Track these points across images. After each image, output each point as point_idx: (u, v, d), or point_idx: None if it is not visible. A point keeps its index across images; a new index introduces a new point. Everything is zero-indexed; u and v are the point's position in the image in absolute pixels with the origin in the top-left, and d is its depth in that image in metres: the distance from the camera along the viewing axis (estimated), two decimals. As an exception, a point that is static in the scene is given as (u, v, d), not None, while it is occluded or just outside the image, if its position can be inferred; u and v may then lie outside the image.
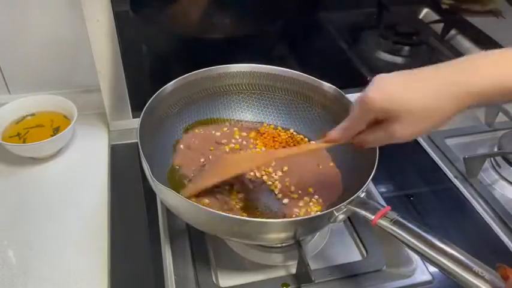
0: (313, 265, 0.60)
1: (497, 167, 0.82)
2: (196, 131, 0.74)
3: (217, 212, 0.52)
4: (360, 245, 0.68)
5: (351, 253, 0.67)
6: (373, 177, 0.58)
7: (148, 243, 0.66)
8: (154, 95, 0.67)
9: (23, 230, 0.67)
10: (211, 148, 0.72)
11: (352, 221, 0.70)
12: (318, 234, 0.68)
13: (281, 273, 0.63)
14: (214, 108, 0.77)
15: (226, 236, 0.62)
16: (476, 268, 0.44)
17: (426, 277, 0.63)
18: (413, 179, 0.80)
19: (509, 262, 0.66)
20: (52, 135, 0.78)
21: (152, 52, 0.97)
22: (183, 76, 0.71)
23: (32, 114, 0.82)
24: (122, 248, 0.65)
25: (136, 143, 0.82)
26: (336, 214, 0.54)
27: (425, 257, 0.48)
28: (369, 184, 0.59)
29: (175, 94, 0.71)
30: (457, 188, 0.78)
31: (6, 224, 0.68)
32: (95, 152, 0.82)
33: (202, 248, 0.65)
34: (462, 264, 0.45)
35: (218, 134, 0.74)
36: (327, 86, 0.72)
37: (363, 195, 0.55)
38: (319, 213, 0.54)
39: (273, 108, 0.78)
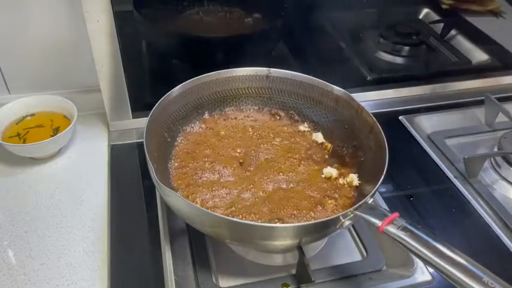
0: (313, 265, 0.60)
1: (497, 167, 0.82)
2: (203, 132, 0.74)
3: (222, 216, 0.52)
4: (360, 245, 0.68)
5: (351, 253, 0.67)
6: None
7: (148, 243, 0.66)
8: (161, 99, 0.67)
9: (23, 230, 0.67)
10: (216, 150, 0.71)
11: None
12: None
13: (281, 273, 0.63)
14: (222, 111, 0.77)
15: (232, 241, 0.62)
16: (486, 278, 0.44)
17: (426, 277, 0.63)
18: (413, 179, 0.80)
19: (510, 262, 0.66)
20: (52, 135, 0.78)
21: (152, 52, 0.97)
22: (190, 80, 0.71)
23: (32, 114, 0.82)
24: (122, 248, 0.65)
25: (137, 143, 0.84)
26: (343, 220, 0.53)
27: (433, 266, 0.47)
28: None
29: (183, 98, 0.71)
30: (457, 188, 0.78)
31: (6, 224, 0.68)
32: (95, 152, 0.82)
33: (202, 248, 0.65)
34: (471, 274, 0.44)
35: (226, 138, 0.74)
36: (336, 89, 0.72)
37: (370, 201, 0.55)
38: (325, 218, 0.54)
39: (283, 112, 0.78)
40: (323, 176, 0.68)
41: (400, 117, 0.93)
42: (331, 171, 0.67)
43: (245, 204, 0.62)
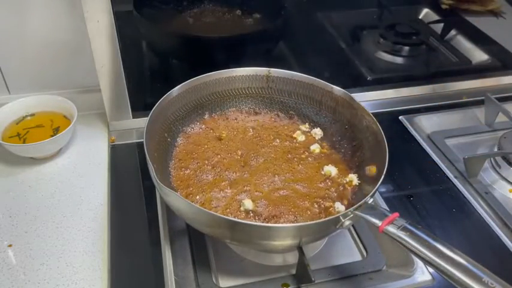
0: (313, 265, 0.60)
1: (497, 167, 0.82)
2: (203, 132, 0.74)
3: (222, 216, 0.52)
4: (360, 245, 0.68)
5: (351, 253, 0.67)
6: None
7: (148, 243, 0.66)
8: (161, 98, 0.67)
9: (23, 230, 0.67)
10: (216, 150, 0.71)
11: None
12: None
13: (281, 273, 0.63)
14: (223, 111, 0.77)
15: (232, 241, 0.62)
16: (485, 278, 0.44)
17: (426, 277, 0.63)
18: (413, 179, 0.80)
19: (510, 262, 0.66)
20: (52, 135, 0.78)
21: (152, 52, 0.97)
22: (190, 80, 0.71)
23: (32, 114, 0.82)
24: (122, 248, 0.65)
25: (137, 143, 0.84)
26: (343, 220, 0.53)
27: (433, 266, 0.47)
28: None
29: (183, 97, 0.71)
30: (457, 188, 0.78)
31: (6, 224, 0.68)
32: (95, 152, 0.82)
33: (202, 248, 0.65)
34: (471, 274, 0.44)
35: (225, 135, 0.74)
36: (336, 89, 0.72)
37: (370, 201, 0.55)
38: (325, 218, 0.54)
39: (283, 112, 0.78)
40: (323, 172, 0.68)
41: (400, 117, 0.93)
42: (330, 169, 0.68)
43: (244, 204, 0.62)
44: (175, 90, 0.70)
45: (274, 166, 0.69)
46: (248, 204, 0.61)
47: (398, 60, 1.06)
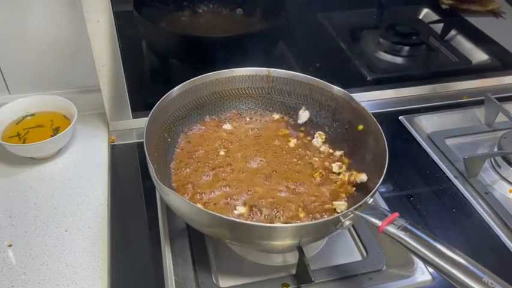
0: (313, 265, 0.60)
1: (497, 167, 0.82)
2: (202, 133, 0.74)
3: (222, 216, 0.52)
4: (360, 245, 0.68)
5: (351, 253, 0.67)
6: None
7: (149, 243, 0.66)
8: (161, 98, 0.67)
9: (23, 230, 0.67)
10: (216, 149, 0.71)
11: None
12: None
13: (281, 273, 0.63)
14: (223, 111, 0.77)
15: (232, 241, 0.62)
16: (485, 278, 0.44)
17: (426, 277, 0.63)
18: (413, 179, 0.80)
19: (510, 262, 0.66)
20: (52, 135, 0.78)
21: (152, 52, 0.97)
22: (190, 80, 0.71)
23: (32, 114, 0.82)
24: (121, 248, 0.65)
25: (137, 143, 0.84)
26: (343, 220, 0.53)
27: (433, 266, 0.47)
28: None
29: (183, 97, 0.71)
30: (457, 188, 0.78)
31: (6, 224, 0.68)
32: (95, 152, 0.82)
33: (202, 248, 0.65)
34: (471, 274, 0.45)
35: (225, 136, 0.74)
36: (336, 89, 0.72)
37: (370, 201, 0.55)
38: (325, 218, 0.53)
39: (283, 112, 0.78)
40: (322, 172, 0.68)
41: (400, 117, 0.93)
42: (330, 169, 0.68)
43: (244, 204, 0.62)
44: (175, 90, 0.70)
45: (274, 166, 0.69)
46: (240, 209, 0.61)
47: (398, 60, 1.06)
